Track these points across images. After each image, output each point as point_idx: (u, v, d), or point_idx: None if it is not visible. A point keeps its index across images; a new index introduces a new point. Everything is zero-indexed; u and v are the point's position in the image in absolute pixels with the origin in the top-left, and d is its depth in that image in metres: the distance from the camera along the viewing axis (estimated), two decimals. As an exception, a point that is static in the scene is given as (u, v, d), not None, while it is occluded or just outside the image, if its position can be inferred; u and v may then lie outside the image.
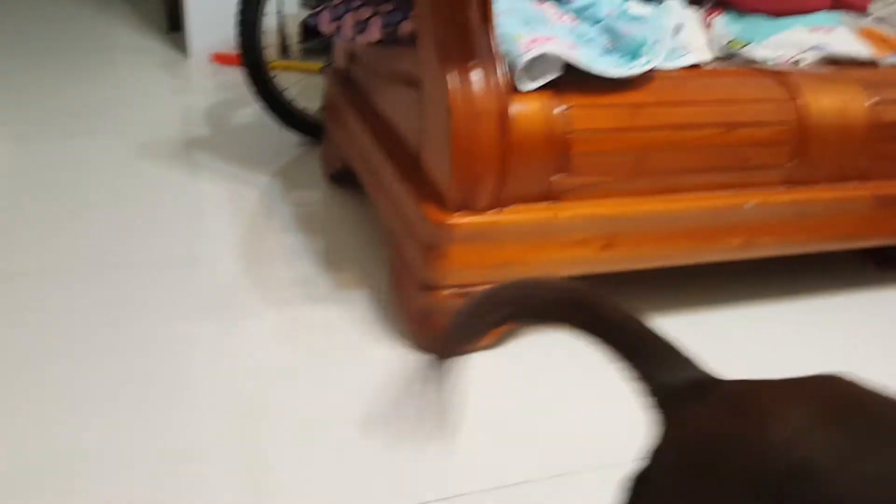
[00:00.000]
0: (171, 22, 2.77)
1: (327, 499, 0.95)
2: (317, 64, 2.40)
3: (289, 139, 1.98)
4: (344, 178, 1.72)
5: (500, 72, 1.08)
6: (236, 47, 1.85)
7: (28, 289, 1.31)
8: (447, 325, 0.58)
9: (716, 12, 1.40)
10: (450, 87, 1.07)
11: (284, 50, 2.55)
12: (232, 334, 1.24)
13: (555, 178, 1.14)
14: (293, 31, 2.55)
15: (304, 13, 2.50)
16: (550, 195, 1.15)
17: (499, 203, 1.13)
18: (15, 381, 1.10)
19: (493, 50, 1.08)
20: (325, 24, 1.46)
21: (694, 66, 1.26)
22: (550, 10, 1.24)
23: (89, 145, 1.87)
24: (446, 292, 1.16)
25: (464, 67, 1.07)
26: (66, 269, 1.38)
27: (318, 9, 1.50)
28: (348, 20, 1.38)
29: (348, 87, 1.60)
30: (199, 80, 2.40)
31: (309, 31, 2.53)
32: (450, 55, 1.08)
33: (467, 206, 1.11)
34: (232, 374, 1.15)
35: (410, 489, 0.97)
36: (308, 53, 2.56)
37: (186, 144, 1.93)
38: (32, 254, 1.42)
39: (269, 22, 1.92)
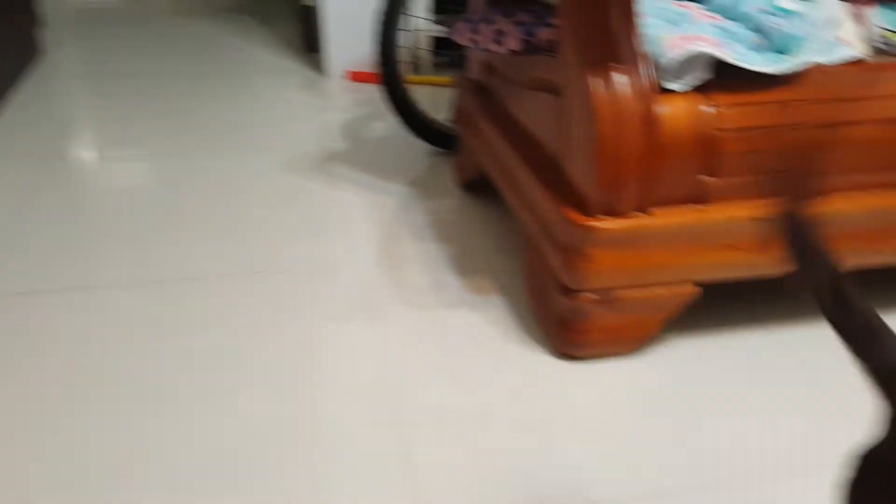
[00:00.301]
0: (308, 44, 2.91)
1: (468, 487, 0.97)
2: (447, 77, 2.46)
3: (422, 150, 2.04)
4: (476, 187, 1.75)
5: (645, 73, 1.07)
6: (375, 65, 1.93)
7: (191, 294, 1.42)
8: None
9: (867, 4, 1.33)
10: (593, 90, 1.07)
11: (416, 65, 2.63)
12: (374, 336, 1.28)
13: (703, 179, 1.11)
14: (424, 45, 2.63)
15: (435, 29, 2.57)
16: (698, 197, 1.13)
17: (643, 205, 1.12)
18: (185, 380, 1.19)
19: (637, 52, 1.07)
20: (463, 37, 1.50)
21: (849, 61, 1.20)
22: (694, 8, 1.22)
23: (239, 162, 2.00)
24: (588, 296, 1.16)
25: (607, 71, 1.07)
26: (224, 275, 1.48)
27: (454, 23, 1.54)
28: (486, 32, 1.41)
29: (483, 96, 1.63)
30: (336, 98, 2.51)
31: (440, 45, 2.59)
32: (593, 59, 1.08)
33: (611, 209, 1.11)
34: (376, 372, 1.19)
35: (549, 492, 0.97)
36: (438, 67, 2.63)
37: (327, 158, 2.02)
38: (195, 261, 1.53)
39: (404, 39, 1.99)
